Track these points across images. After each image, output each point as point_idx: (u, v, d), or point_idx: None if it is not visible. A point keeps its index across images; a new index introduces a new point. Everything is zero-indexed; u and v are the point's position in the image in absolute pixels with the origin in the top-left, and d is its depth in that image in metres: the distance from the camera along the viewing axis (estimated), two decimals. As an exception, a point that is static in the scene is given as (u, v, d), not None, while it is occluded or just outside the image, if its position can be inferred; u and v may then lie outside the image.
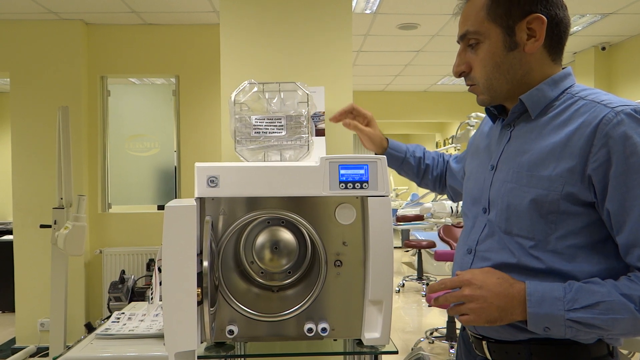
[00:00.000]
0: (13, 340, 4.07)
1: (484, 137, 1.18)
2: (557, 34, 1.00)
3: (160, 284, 1.07)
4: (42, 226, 3.34)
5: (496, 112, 1.12)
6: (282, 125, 1.42)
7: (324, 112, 1.96)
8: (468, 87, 1.09)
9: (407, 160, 1.44)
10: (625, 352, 2.23)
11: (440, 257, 4.05)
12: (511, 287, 0.92)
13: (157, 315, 1.71)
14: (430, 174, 1.46)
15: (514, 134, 1.04)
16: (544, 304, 0.89)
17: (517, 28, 0.98)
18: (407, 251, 8.55)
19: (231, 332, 1.13)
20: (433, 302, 1.04)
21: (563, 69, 1.04)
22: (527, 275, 0.95)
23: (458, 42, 1.08)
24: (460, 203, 1.53)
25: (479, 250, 1.04)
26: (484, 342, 1.04)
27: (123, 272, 3.86)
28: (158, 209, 4.43)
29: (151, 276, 3.73)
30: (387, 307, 1.14)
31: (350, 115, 1.47)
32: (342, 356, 1.42)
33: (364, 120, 1.47)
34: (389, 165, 1.31)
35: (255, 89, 1.46)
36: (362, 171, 1.14)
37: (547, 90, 1.00)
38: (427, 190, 1.60)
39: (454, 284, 0.96)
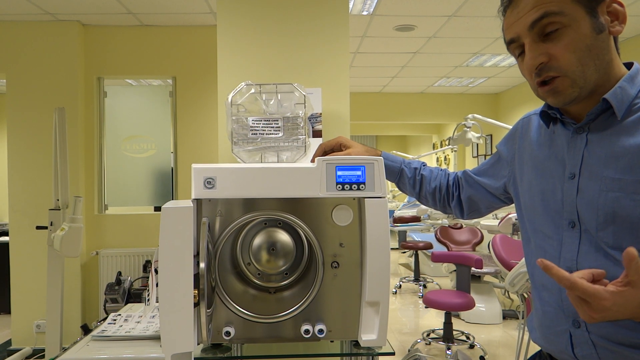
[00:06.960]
0: (9, 342, 4.06)
1: (538, 146, 1.08)
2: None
3: (157, 285, 1.07)
4: (38, 227, 3.33)
5: (558, 115, 1.01)
6: (279, 127, 1.42)
7: (320, 114, 1.97)
8: (542, 86, 0.97)
9: (403, 171, 1.38)
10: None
11: (437, 258, 4.04)
12: None
13: (153, 316, 1.71)
14: (427, 184, 1.38)
15: (593, 138, 0.96)
16: None
17: (599, 9, 0.93)
18: (404, 252, 8.56)
19: (228, 333, 1.13)
20: None
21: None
22: None
23: (511, 41, 0.99)
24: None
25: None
26: None
27: (119, 273, 3.86)
28: (155, 211, 4.43)
29: (148, 278, 3.72)
30: (384, 308, 1.14)
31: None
32: (339, 358, 1.42)
33: (342, 148, 1.31)
34: (387, 179, 1.29)
35: (252, 90, 1.46)
36: (359, 172, 1.14)
37: (628, 87, 0.94)
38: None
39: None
